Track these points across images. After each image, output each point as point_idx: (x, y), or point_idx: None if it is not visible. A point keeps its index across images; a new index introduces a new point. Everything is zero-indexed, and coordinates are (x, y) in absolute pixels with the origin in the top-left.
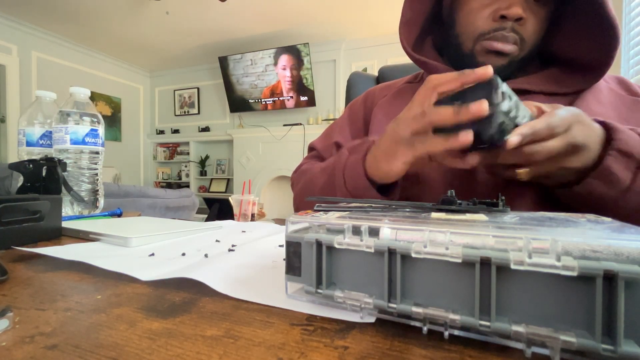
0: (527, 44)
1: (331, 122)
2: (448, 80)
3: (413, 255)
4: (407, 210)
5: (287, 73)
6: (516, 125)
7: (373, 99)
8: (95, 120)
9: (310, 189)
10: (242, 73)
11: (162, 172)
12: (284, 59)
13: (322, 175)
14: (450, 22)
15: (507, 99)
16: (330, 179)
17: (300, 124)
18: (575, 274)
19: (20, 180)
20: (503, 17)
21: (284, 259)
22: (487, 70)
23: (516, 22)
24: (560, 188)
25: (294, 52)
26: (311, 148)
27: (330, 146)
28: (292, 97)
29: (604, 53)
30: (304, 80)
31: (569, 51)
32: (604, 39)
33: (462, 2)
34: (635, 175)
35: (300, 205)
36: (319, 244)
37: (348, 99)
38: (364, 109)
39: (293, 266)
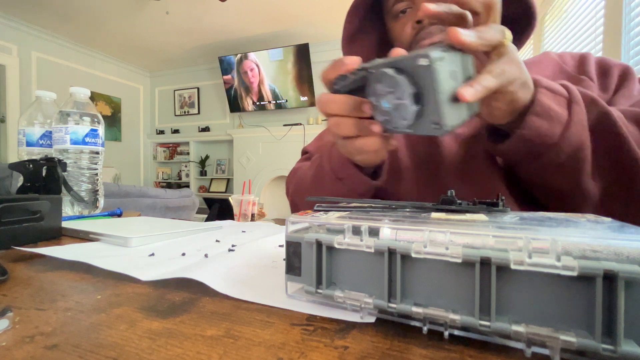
0: None
1: None
2: (328, 71)
3: (413, 255)
4: (407, 210)
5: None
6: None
7: None
8: (95, 120)
9: (302, 185)
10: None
11: (162, 172)
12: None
13: (311, 168)
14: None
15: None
16: (319, 170)
17: (300, 124)
18: (575, 273)
19: (20, 180)
20: (419, 22)
21: (284, 259)
22: (353, 61)
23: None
24: (504, 139)
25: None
26: (304, 152)
27: (323, 147)
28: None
29: (525, 10)
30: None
31: (509, 12)
32: None
33: (392, 32)
34: (569, 110)
35: (298, 203)
36: (319, 244)
37: None
38: None
39: (293, 266)
